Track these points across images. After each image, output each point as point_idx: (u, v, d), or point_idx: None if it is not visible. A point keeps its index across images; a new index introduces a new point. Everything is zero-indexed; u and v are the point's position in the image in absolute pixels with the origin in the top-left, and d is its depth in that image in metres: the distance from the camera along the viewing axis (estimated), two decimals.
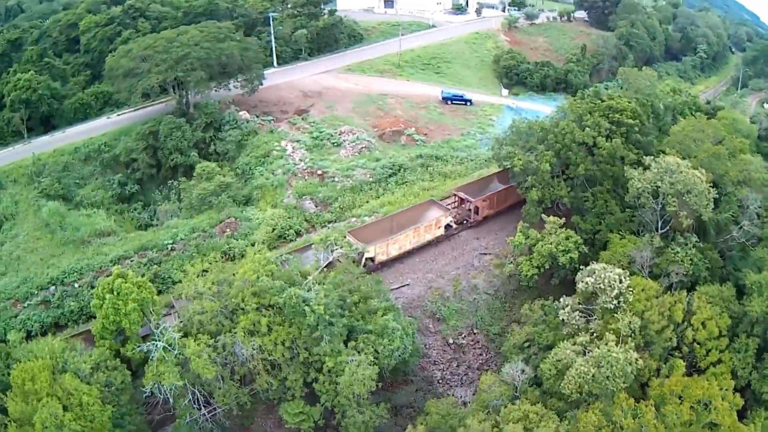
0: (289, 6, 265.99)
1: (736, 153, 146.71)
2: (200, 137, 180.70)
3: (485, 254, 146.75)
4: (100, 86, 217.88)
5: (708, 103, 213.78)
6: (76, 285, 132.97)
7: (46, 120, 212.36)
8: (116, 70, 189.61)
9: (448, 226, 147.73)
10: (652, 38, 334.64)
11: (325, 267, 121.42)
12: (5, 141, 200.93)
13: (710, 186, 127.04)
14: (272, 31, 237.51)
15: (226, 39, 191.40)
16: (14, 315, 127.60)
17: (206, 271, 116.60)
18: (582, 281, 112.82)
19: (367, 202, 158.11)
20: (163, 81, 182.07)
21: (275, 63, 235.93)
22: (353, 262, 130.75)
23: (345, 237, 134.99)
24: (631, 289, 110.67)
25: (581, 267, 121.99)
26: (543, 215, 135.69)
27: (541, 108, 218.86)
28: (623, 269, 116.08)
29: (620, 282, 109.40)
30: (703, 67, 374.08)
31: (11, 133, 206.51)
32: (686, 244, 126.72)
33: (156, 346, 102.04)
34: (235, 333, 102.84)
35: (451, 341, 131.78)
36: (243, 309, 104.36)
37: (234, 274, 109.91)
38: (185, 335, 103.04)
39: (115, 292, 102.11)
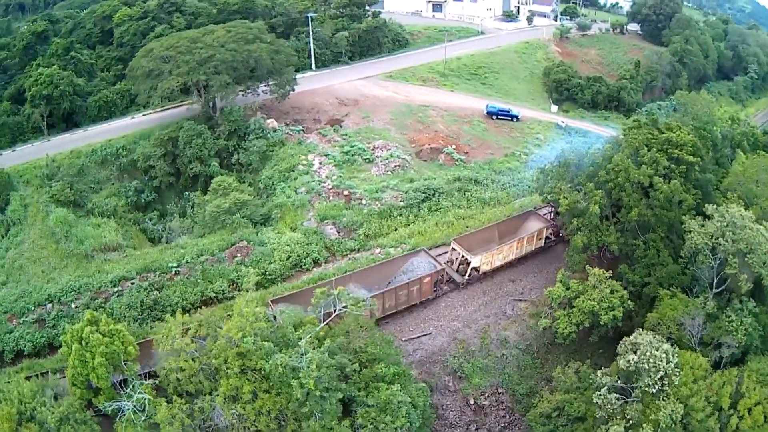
0: (331, 6, 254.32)
1: None
2: (223, 145, 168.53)
3: (520, 300, 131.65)
4: (127, 84, 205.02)
5: (765, 133, 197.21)
6: (73, 305, 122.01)
7: (68, 117, 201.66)
8: (136, 71, 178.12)
9: (547, 238, 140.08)
10: (705, 56, 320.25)
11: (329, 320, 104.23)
12: (25, 137, 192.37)
13: None
14: (311, 32, 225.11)
15: (255, 40, 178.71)
16: (9, 331, 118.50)
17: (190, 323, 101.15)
18: (624, 358, 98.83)
19: (395, 230, 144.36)
20: (184, 84, 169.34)
21: (313, 66, 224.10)
22: (456, 270, 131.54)
23: (450, 244, 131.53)
24: (678, 369, 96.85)
25: (624, 328, 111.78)
26: (587, 266, 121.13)
27: (592, 128, 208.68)
28: (671, 339, 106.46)
29: (667, 362, 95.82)
30: (753, 88, 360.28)
31: (31, 129, 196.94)
32: (742, 310, 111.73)
33: (125, 406, 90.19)
34: (216, 396, 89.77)
35: (472, 401, 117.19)
36: (226, 371, 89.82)
37: (219, 329, 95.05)
38: (160, 390, 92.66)
39: (83, 342, 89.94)
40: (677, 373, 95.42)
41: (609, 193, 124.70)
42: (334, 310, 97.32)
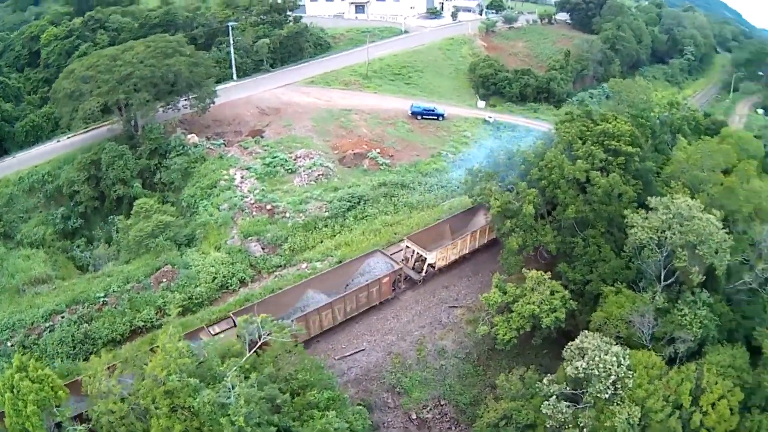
0: (252, 13, 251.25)
1: (747, 181, 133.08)
2: (145, 165, 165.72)
3: (455, 307, 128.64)
4: (51, 107, 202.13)
5: (707, 116, 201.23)
6: (9, 344, 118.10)
7: None
8: (58, 93, 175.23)
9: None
10: (638, 41, 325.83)
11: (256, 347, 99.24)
12: None
13: (726, 232, 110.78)
14: (231, 42, 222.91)
15: (174, 54, 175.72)
16: None
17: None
18: (571, 365, 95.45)
19: (321, 242, 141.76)
20: (105, 104, 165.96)
21: (234, 76, 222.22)
22: (412, 268, 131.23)
23: (405, 242, 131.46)
24: (630, 371, 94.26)
25: (569, 327, 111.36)
26: (524, 268, 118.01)
27: (521, 121, 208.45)
28: (620, 338, 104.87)
29: (618, 365, 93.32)
30: (690, 69, 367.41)
31: None
32: (695, 302, 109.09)
33: None
34: None
35: (414, 416, 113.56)
36: (155, 411, 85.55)
37: (144, 365, 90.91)
38: None
39: (14, 390, 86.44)
40: (630, 375, 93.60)
41: (543, 191, 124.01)
42: (259, 338, 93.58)
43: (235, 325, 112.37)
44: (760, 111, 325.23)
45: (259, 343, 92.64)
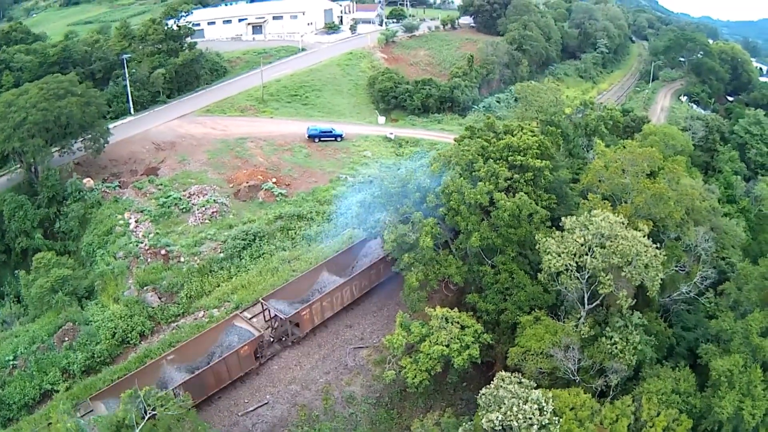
0: (148, 43, 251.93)
1: (676, 181, 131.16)
2: (44, 214, 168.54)
3: (361, 348, 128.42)
4: None
5: (626, 113, 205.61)
6: None
7: None
8: None
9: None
10: (547, 39, 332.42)
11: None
12: None
13: (656, 247, 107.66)
14: (126, 75, 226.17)
15: (66, 95, 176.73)
16: None
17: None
18: (486, 417, 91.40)
19: (218, 286, 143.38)
20: (1, 153, 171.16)
21: (131, 110, 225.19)
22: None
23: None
24: (556, 418, 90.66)
25: (487, 358, 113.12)
26: (428, 307, 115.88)
27: (425, 134, 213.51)
28: (543, 373, 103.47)
29: (540, 412, 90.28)
30: (604, 62, 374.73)
31: None
32: (626, 326, 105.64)
33: None
34: None
35: None
36: None
37: None
38: None
39: None
40: (556, 422, 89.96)
41: (443, 218, 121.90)
42: (145, 412, 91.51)
43: (264, 309, 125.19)
44: (684, 98, 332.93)
45: (148, 417, 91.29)
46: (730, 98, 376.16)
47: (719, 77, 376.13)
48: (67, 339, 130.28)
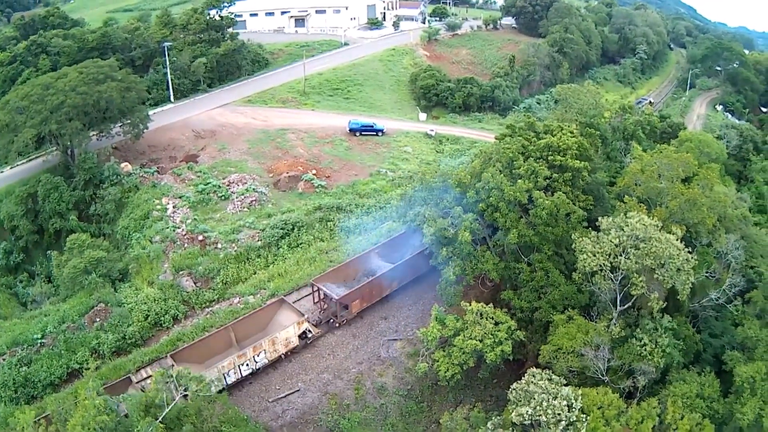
0: (190, 32, 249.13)
1: (710, 188, 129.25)
2: (80, 197, 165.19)
3: (395, 340, 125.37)
4: None
5: (663, 119, 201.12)
6: None
7: None
8: None
9: None
10: (587, 42, 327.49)
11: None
12: None
13: (689, 251, 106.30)
14: (167, 63, 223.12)
15: (106, 80, 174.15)
16: None
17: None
18: (516, 411, 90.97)
19: (254, 273, 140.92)
20: (39, 134, 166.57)
21: (171, 98, 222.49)
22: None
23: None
24: (584, 415, 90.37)
25: (518, 355, 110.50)
26: (463, 301, 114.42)
27: (465, 133, 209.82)
28: (573, 371, 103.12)
29: (569, 409, 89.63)
30: (643, 68, 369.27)
31: None
32: (656, 329, 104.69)
33: None
34: None
35: None
36: None
37: (69, 419, 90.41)
38: None
39: None
40: (584, 419, 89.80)
41: (482, 214, 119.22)
42: (177, 393, 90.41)
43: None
44: (719, 107, 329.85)
45: (178, 397, 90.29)
46: (764, 109, 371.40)
47: (754, 88, 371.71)
48: (98, 320, 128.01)
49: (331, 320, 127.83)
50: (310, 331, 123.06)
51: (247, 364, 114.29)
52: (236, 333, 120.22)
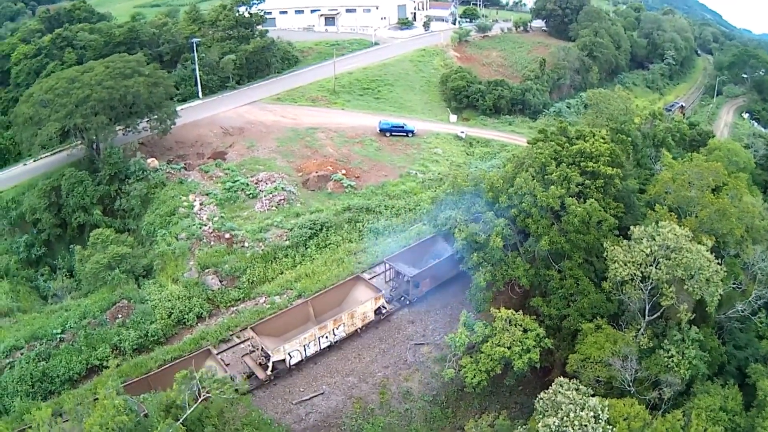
0: (219, 29, 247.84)
1: (738, 198, 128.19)
2: (105, 191, 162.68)
3: (421, 344, 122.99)
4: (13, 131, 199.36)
5: (692, 126, 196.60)
6: None
7: None
8: (18, 118, 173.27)
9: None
10: (617, 47, 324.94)
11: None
12: None
13: (717, 262, 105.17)
14: (196, 58, 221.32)
15: (133, 74, 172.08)
16: None
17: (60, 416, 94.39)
18: (542, 421, 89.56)
19: (281, 273, 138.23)
20: (63, 128, 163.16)
21: (200, 94, 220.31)
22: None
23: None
24: (610, 427, 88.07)
25: (546, 363, 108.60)
26: (493, 307, 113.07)
27: (495, 135, 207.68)
28: (600, 381, 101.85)
29: (596, 421, 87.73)
30: (671, 74, 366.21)
31: None
32: (683, 341, 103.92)
33: None
34: None
35: None
36: None
37: (86, 416, 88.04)
38: None
39: None
40: (610, 431, 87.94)
41: (513, 220, 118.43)
42: (199, 394, 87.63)
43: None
44: (746, 115, 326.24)
45: (201, 399, 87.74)
46: None
47: None
48: (120, 316, 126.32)
49: (402, 297, 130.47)
50: (384, 306, 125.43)
51: (326, 337, 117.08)
52: (314, 308, 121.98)
